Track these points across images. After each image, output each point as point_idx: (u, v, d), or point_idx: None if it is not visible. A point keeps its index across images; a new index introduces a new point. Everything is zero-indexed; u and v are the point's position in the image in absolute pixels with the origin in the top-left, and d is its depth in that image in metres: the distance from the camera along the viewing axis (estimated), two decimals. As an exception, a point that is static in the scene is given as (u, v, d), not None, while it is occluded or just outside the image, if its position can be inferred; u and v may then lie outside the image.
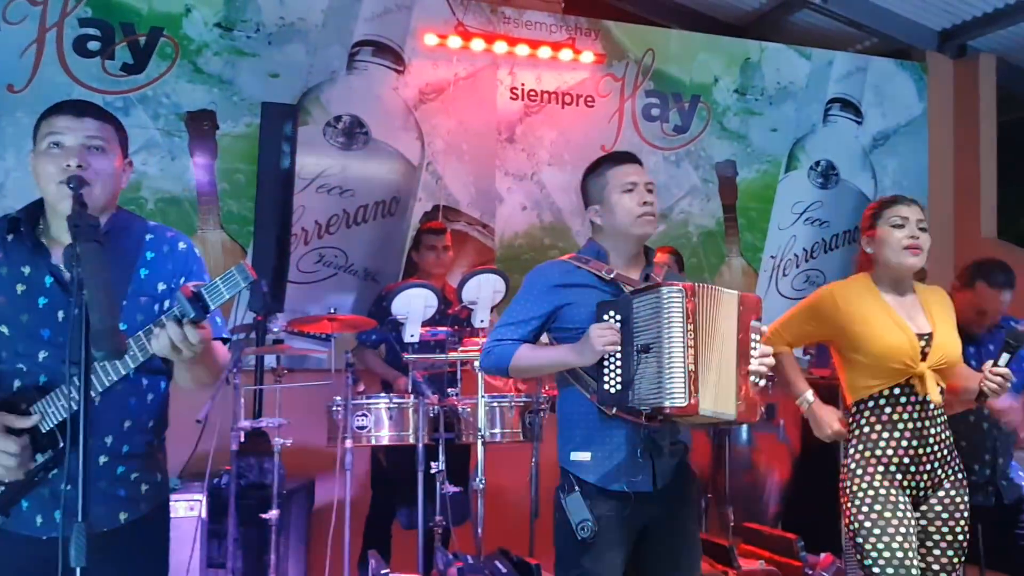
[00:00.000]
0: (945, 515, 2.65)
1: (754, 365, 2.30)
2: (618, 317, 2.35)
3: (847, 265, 6.07)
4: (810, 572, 3.56)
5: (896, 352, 2.60)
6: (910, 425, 2.62)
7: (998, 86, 6.40)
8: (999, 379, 2.60)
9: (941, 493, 2.66)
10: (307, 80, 5.05)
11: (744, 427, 4.53)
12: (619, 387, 2.33)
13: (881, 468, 2.61)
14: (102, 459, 1.95)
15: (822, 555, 3.64)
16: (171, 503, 2.19)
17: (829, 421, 2.74)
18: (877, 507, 2.58)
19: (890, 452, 2.62)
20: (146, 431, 2.04)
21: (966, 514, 2.67)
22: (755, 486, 4.45)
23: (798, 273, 6.03)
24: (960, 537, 2.66)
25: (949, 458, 2.68)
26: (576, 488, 2.40)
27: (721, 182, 5.86)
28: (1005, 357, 2.61)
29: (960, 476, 2.69)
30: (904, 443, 2.62)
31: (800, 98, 6.07)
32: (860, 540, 2.58)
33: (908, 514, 2.59)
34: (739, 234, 5.88)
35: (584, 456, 2.43)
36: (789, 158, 6.05)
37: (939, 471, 2.65)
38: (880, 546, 2.53)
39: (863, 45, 6.44)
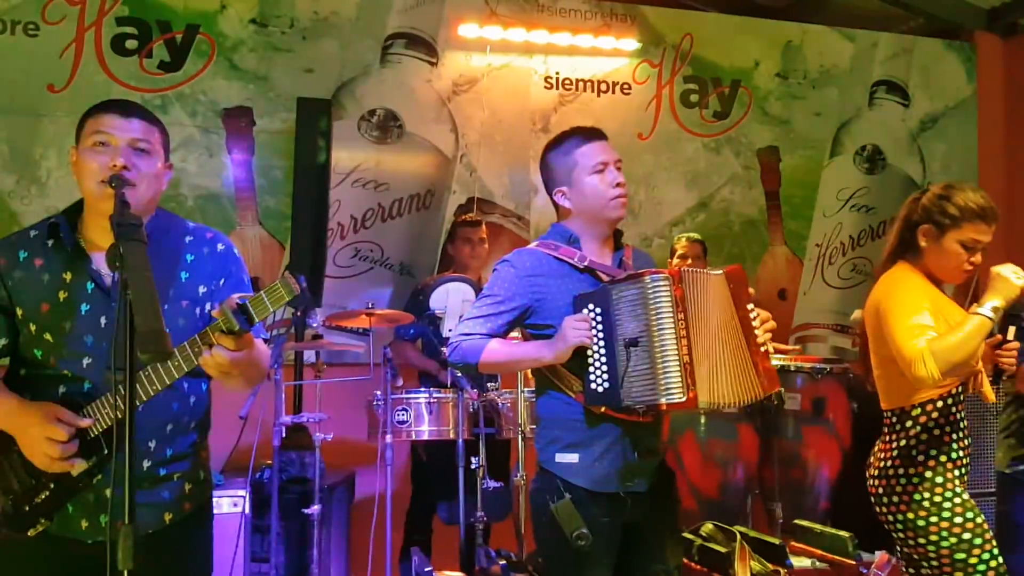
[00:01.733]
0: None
1: (761, 336, 2.21)
2: (598, 310, 2.21)
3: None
4: (865, 571, 3.45)
5: None
6: (965, 423, 2.50)
7: (1051, 65, 6.19)
8: (1013, 354, 2.46)
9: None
10: (341, 74, 5.03)
11: (791, 421, 4.41)
12: (607, 385, 2.20)
13: (957, 472, 2.46)
14: (145, 463, 1.96)
15: (877, 553, 3.52)
16: (214, 499, 2.19)
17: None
18: (970, 515, 2.42)
19: (960, 453, 2.48)
20: (189, 432, 2.05)
21: None
22: (804, 482, 4.33)
23: (845, 262, 5.88)
24: None
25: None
26: (566, 494, 2.25)
27: (763, 169, 5.73)
28: (1012, 330, 2.45)
29: None
30: (966, 442, 2.49)
31: (844, 81, 5.91)
32: (963, 555, 2.38)
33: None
34: (783, 222, 5.76)
35: (571, 458, 2.28)
36: (834, 143, 5.90)
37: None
38: (986, 556, 2.39)
39: (908, 25, 6.25)
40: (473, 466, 3.79)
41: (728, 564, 3.28)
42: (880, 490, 2.53)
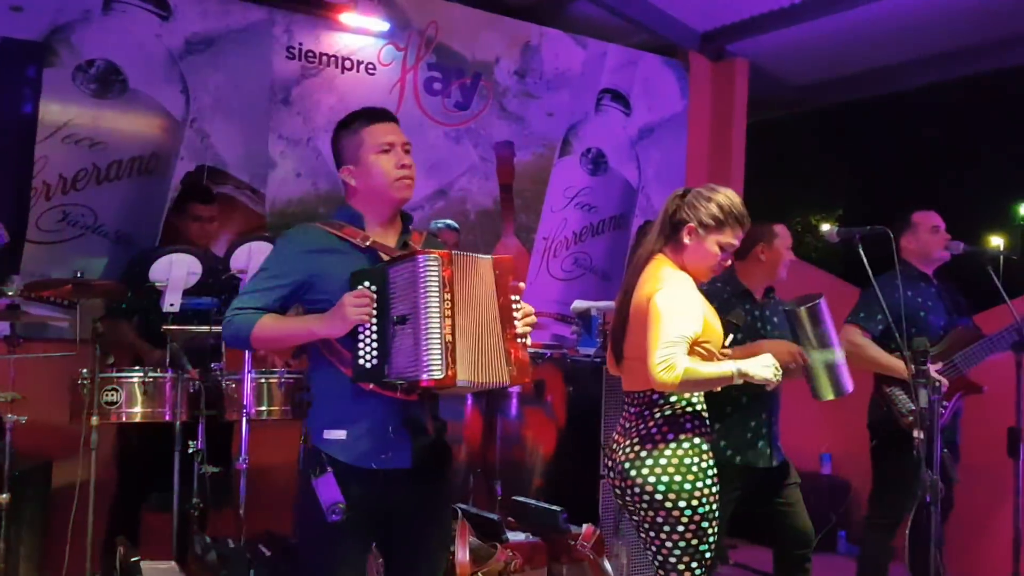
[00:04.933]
0: None
1: (519, 327, 2.30)
2: (374, 288, 2.24)
3: (612, 250, 6.39)
4: (572, 543, 3.70)
5: (719, 341, 2.69)
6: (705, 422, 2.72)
7: (750, 90, 6.94)
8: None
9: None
10: (55, 17, 4.51)
11: (515, 403, 4.64)
12: (375, 361, 2.22)
13: (698, 459, 2.65)
14: None
15: (584, 526, 3.79)
16: None
17: (766, 362, 2.57)
18: (695, 502, 2.60)
19: (701, 443, 2.67)
20: None
21: None
22: (523, 460, 4.57)
23: (567, 255, 6.24)
24: None
25: None
26: (329, 469, 2.27)
27: (499, 162, 5.93)
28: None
29: None
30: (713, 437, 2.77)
31: (575, 85, 6.25)
32: (696, 541, 2.55)
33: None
34: (515, 214, 5.99)
35: (339, 435, 2.31)
36: (563, 143, 6.23)
37: None
38: (695, 541, 2.58)
39: (634, 40, 6.74)
40: (191, 450, 3.60)
41: (450, 542, 3.38)
42: (632, 455, 2.61)
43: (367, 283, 2.25)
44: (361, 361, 2.24)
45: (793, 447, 3.60)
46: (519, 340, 2.29)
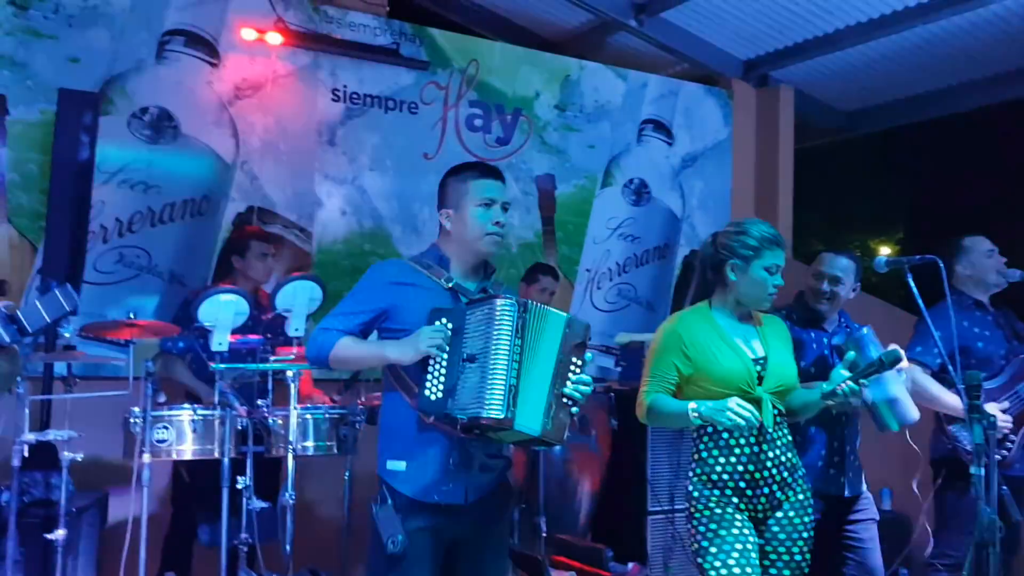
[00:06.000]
0: (783, 536, 2.68)
1: (569, 389, 2.34)
2: (450, 325, 2.34)
3: (657, 280, 6.37)
4: (617, 582, 3.69)
5: (734, 377, 2.65)
6: (747, 450, 2.65)
7: (796, 117, 6.90)
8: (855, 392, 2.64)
9: (780, 515, 2.69)
10: (111, 67, 4.71)
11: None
12: (440, 395, 2.31)
13: (717, 492, 2.64)
14: None
15: (630, 565, 3.77)
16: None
17: (723, 407, 2.56)
18: (713, 526, 2.61)
19: (726, 476, 2.65)
20: None
21: (805, 535, 2.71)
22: (567, 497, 4.54)
23: (611, 287, 6.24)
24: (798, 558, 2.70)
25: (790, 480, 2.70)
26: (388, 500, 2.37)
27: (540, 195, 5.98)
28: (869, 373, 2.64)
29: (802, 498, 2.73)
30: (740, 468, 2.64)
31: (616, 117, 6.29)
32: (700, 560, 2.62)
33: (746, 532, 2.62)
34: (556, 247, 6.03)
35: (399, 465, 2.41)
36: (605, 174, 6.26)
37: (778, 494, 2.68)
38: (717, 563, 2.57)
39: (675, 70, 6.76)
40: (239, 486, 3.67)
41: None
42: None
43: (444, 320, 2.35)
44: (427, 392, 2.33)
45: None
46: (564, 400, 2.33)
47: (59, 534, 3.43)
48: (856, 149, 8.42)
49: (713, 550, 2.59)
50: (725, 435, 2.65)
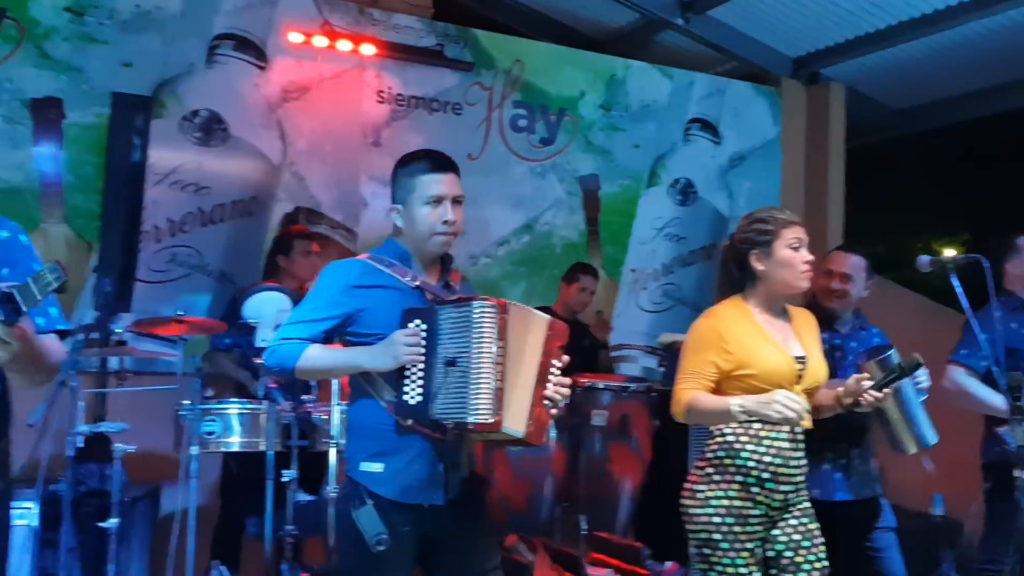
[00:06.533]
0: (806, 543, 2.59)
1: (550, 391, 2.31)
2: (424, 327, 2.28)
3: (703, 280, 6.31)
4: (655, 580, 3.68)
5: (778, 374, 2.58)
6: (777, 444, 2.56)
7: (847, 114, 6.79)
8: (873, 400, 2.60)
9: (793, 520, 2.60)
10: (163, 71, 4.85)
11: (598, 436, 4.62)
12: (420, 399, 2.27)
13: (740, 478, 2.54)
14: None
15: (667, 564, 3.76)
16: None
17: (771, 399, 2.48)
18: (730, 520, 2.51)
19: (751, 464, 2.53)
20: None
21: (821, 541, 2.63)
22: (607, 495, 4.54)
23: (657, 287, 6.21)
24: (825, 562, 2.62)
25: (802, 484, 2.64)
26: (368, 501, 2.31)
27: (585, 195, 5.98)
28: (889, 381, 2.58)
29: (807, 505, 2.66)
30: (767, 458, 2.55)
31: (662, 116, 6.25)
32: (708, 551, 2.52)
33: (759, 532, 2.54)
34: (601, 247, 6.02)
35: (376, 467, 2.34)
36: (650, 174, 6.23)
37: (791, 496, 2.60)
38: (726, 561, 2.50)
39: (723, 68, 6.70)
40: (284, 479, 3.75)
41: (528, 574, 3.41)
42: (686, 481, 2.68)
43: (418, 322, 2.30)
44: (406, 397, 2.29)
45: (908, 485, 3.40)
46: (545, 401, 2.31)
47: (112, 523, 3.53)
48: (910, 147, 8.23)
49: (725, 546, 2.50)
50: (756, 425, 2.55)
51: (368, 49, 5.28)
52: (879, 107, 7.14)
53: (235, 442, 3.79)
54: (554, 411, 2.34)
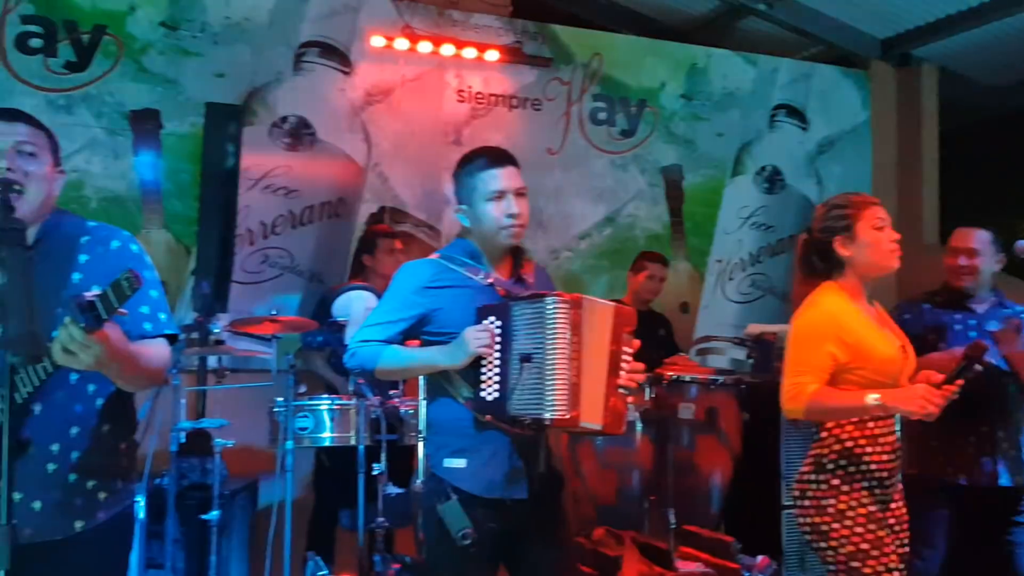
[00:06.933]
0: (898, 527, 2.54)
1: (623, 378, 2.31)
2: (499, 323, 2.30)
3: (794, 269, 6.18)
4: (747, 574, 3.63)
5: (891, 365, 2.51)
6: (889, 438, 2.51)
7: (940, 96, 6.54)
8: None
9: (893, 505, 2.55)
10: (253, 80, 5.03)
11: (686, 430, 4.58)
12: (497, 395, 2.29)
13: (867, 484, 2.47)
14: (50, 467, 1.93)
15: (759, 557, 3.70)
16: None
17: (914, 394, 2.35)
18: (872, 526, 2.44)
19: (874, 467, 2.47)
20: (101, 437, 2.01)
21: (907, 520, 2.58)
22: (697, 489, 4.50)
23: (744, 277, 6.11)
24: (907, 547, 2.57)
25: (898, 469, 2.58)
26: (452, 496, 2.33)
27: (668, 186, 5.93)
28: (960, 372, 2.39)
29: (901, 487, 2.58)
30: (884, 456, 2.50)
31: (746, 104, 6.15)
32: (857, 564, 2.42)
33: (892, 531, 2.49)
34: (685, 238, 5.96)
35: (459, 463, 2.37)
36: (735, 163, 6.14)
37: (897, 483, 2.55)
38: (880, 568, 2.43)
39: (808, 52, 6.55)
40: (375, 472, 3.84)
41: (616, 567, 3.41)
42: (797, 493, 2.58)
43: (492, 318, 2.32)
44: (483, 394, 2.32)
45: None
46: (619, 390, 2.31)
47: (214, 515, 3.67)
48: (1007, 127, 7.87)
49: (875, 553, 2.43)
50: (871, 424, 2.48)
51: (448, 49, 5.36)
52: (973, 86, 6.87)
53: (327, 437, 3.88)
54: (630, 399, 2.34)
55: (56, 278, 1.96)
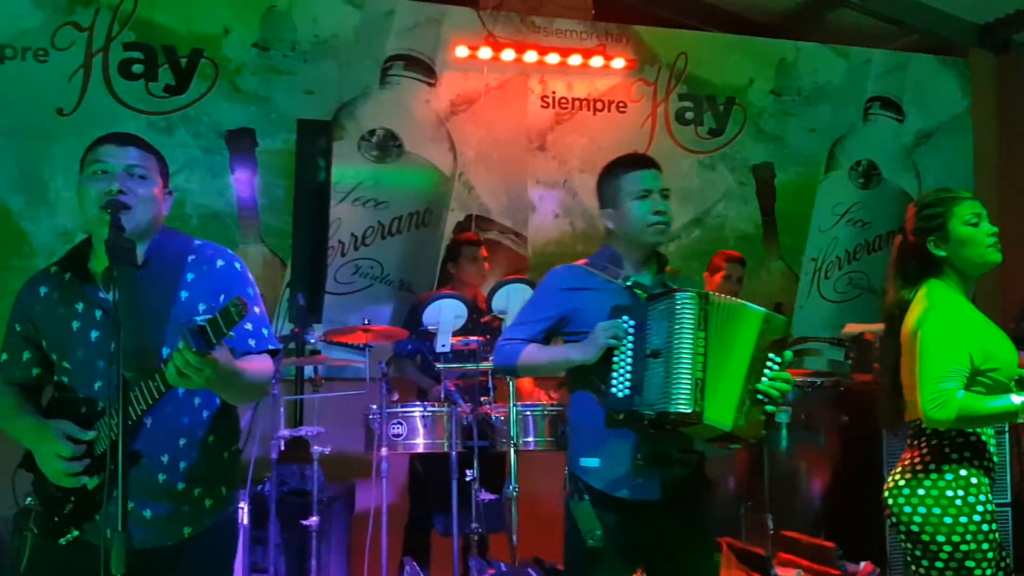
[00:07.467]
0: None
1: (764, 385, 2.27)
2: (632, 322, 2.34)
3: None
4: (848, 580, 3.53)
5: (1015, 364, 2.39)
6: (995, 458, 2.41)
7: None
8: None
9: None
10: (341, 95, 5.15)
11: (784, 435, 4.47)
12: (627, 391, 2.31)
13: (987, 480, 2.38)
14: (160, 477, 2.01)
15: (862, 564, 3.60)
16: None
17: None
18: (995, 526, 2.36)
19: (984, 487, 2.37)
20: (207, 447, 2.08)
21: None
22: (795, 494, 4.39)
23: (840, 276, 5.94)
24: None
25: None
26: (586, 496, 2.39)
27: (759, 185, 5.81)
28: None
29: None
30: (989, 480, 2.39)
31: (838, 97, 5.99)
32: (971, 564, 2.31)
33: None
34: (778, 237, 5.83)
35: (593, 462, 2.43)
36: (829, 159, 5.98)
37: None
38: (990, 571, 2.33)
39: (902, 42, 6.32)
40: (468, 478, 3.87)
41: (713, 574, 3.35)
42: (902, 484, 2.43)
43: (626, 317, 2.37)
44: (614, 390, 2.34)
45: None
46: (759, 397, 2.27)
47: (313, 520, 3.75)
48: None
49: (992, 556, 2.33)
50: (973, 439, 2.38)
51: (531, 56, 5.38)
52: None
53: (419, 443, 3.93)
54: (770, 407, 2.29)
55: (164, 296, 2.04)
